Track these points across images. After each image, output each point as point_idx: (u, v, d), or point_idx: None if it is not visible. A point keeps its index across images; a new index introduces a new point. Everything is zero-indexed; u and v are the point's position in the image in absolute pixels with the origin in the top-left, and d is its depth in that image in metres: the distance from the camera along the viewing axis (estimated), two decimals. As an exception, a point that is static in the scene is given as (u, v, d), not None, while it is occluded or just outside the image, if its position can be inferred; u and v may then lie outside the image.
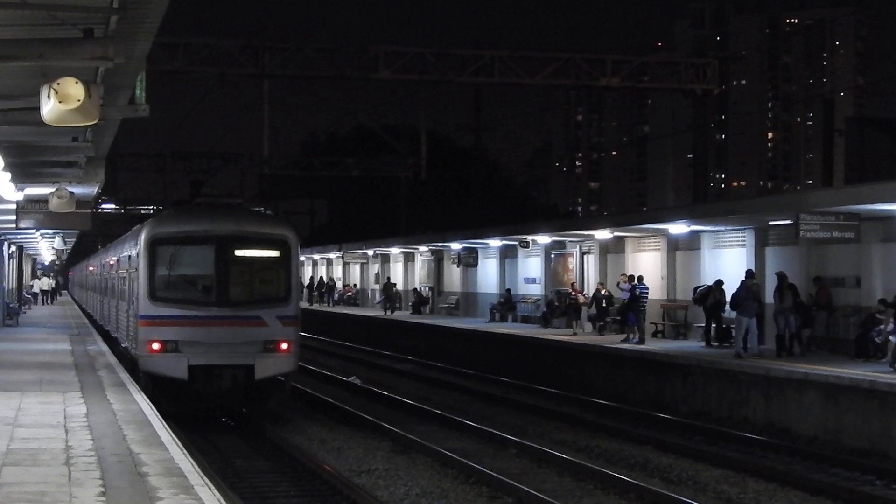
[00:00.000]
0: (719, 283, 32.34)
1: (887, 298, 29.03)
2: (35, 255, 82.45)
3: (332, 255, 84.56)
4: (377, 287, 73.37)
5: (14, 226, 40.23)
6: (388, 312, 61.48)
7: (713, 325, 33.76)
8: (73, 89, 12.87)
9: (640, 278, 37.60)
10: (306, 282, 79.66)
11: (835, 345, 29.46)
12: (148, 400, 22.72)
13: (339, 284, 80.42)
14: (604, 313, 39.37)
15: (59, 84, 12.89)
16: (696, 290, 34.46)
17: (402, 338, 53.96)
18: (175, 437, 17.88)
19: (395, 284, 65.70)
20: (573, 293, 42.13)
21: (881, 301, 29.22)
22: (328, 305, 75.57)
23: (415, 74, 54.24)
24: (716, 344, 33.37)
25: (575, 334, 39.58)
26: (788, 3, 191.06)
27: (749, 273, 30.70)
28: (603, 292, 39.37)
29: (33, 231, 47.46)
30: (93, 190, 33.57)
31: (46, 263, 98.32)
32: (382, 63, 52.90)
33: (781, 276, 30.33)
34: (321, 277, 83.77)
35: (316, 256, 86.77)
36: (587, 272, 45.37)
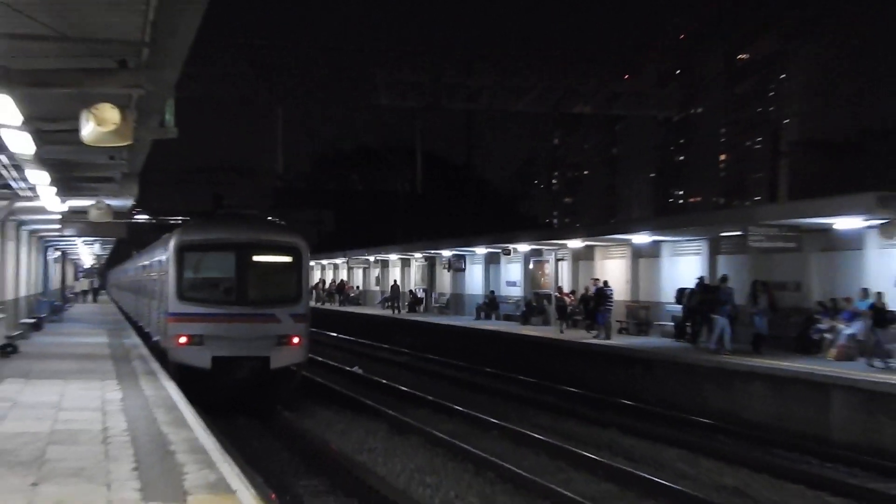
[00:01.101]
0: (724, 278, 31.50)
1: (824, 301, 29.15)
2: (76, 259, 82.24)
3: (337, 261, 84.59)
4: (377, 289, 73.49)
5: (58, 233, 40.31)
6: (395, 311, 61.41)
7: (687, 323, 33.60)
8: (110, 114, 12.88)
9: (606, 283, 37.64)
10: (316, 282, 79.47)
11: (778, 342, 29.47)
12: (176, 387, 22.73)
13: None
14: (591, 312, 38.75)
15: (97, 109, 12.90)
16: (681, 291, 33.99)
17: (398, 333, 53.92)
18: (199, 420, 17.89)
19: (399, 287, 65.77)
20: (560, 296, 42.05)
21: (819, 303, 29.33)
22: (336, 305, 75.38)
23: (412, 101, 54.33)
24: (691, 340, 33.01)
25: (561, 332, 39.35)
26: (743, 37, 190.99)
27: (723, 277, 30.56)
28: (590, 293, 39.09)
29: (75, 238, 47.47)
30: (127, 202, 33.60)
31: (86, 266, 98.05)
32: (382, 90, 52.96)
33: (755, 282, 30.32)
34: (332, 280, 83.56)
35: (324, 262, 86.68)
36: (561, 277, 45.40)
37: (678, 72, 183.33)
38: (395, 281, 66.39)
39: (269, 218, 35.03)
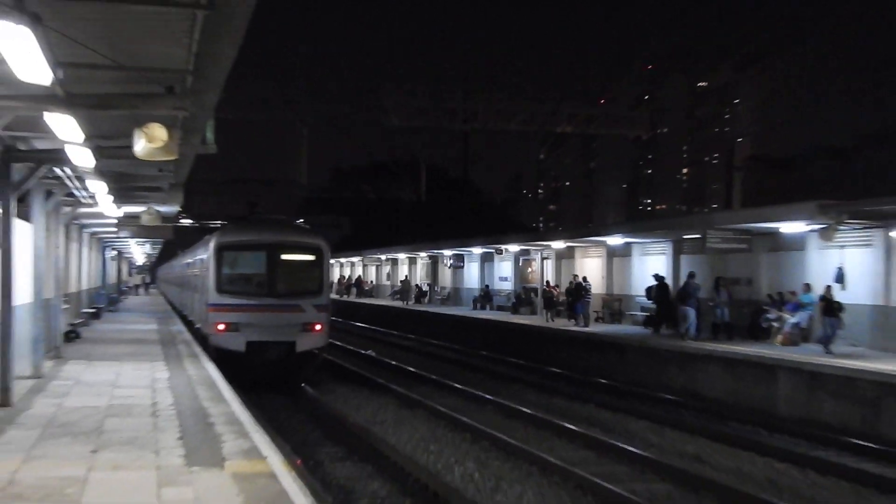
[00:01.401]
0: (692, 274, 31.00)
1: (773, 294, 29.13)
2: (130, 257, 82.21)
3: (354, 259, 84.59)
4: (388, 283, 73.47)
5: (115, 235, 40.28)
6: (405, 303, 61.38)
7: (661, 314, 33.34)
8: (159, 132, 12.86)
9: (585, 278, 37.61)
10: (336, 278, 79.43)
11: (733, 329, 29.44)
12: (215, 367, 22.74)
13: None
14: (571, 303, 38.16)
15: (147, 128, 12.87)
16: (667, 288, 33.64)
17: (406, 321, 53.88)
18: (235, 395, 17.88)
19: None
20: (548, 289, 41.93)
21: (768, 296, 29.30)
22: (353, 297, 75.29)
23: (417, 122, 54.42)
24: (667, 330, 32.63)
25: (548, 321, 38.99)
26: (701, 68, 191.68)
27: (691, 274, 30.42)
28: (572, 287, 38.89)
29: (129, 239, 47.43)
30: (174, 208, 33.53)
31: (139, 264, 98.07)
32: (392, 112, 53.06)
33: (718, 278, 30.21)
34: (349, 276, 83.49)
35: (342, 260, 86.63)
36: (546, 273, 45.40)
37: (646, 97, 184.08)
38: (405, 276, 66.37)
39: (295, 222, 34.96)
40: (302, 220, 50.86)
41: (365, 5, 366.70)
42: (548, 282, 42.52)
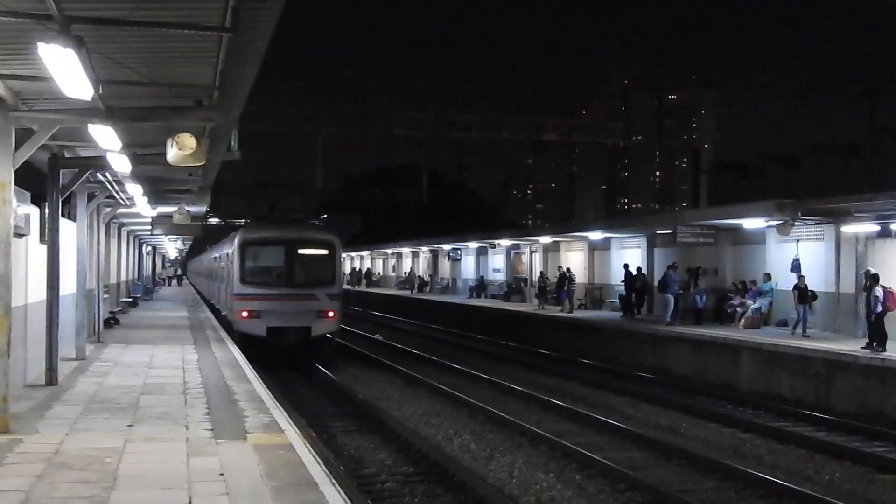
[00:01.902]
0: (674, 266, 30.45)
1: (736, 283, 29.15)
2: (163, 251, 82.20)
3: (363, 253, 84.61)
4: (393, 274, 73.47)
5: (150, 232, 40.27)
6: (411, 292, 61.37)
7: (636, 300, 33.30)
8: (189, 141, 12.87)
9: (569, 269, 37.61)
10: (347, 270, 79.43)
11: (701, 314, 29.46)
12: (238, 350, 22.76)
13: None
14: (557, 291, 37.99)
15: (179, 137, 12.88)
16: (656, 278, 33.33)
17: (410, 308, 53.89)
18: (256, 375, 17.91)
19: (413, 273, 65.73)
20: (543, 279, 41.79)
21: (732, 284, 29.32)
22: (363, 287, 75.21)
23: (419, 132, 54.42)
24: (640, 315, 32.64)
25: (541, 308, 38.62)
26: (670, 84, 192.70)
27: (673, 265, 30.19)
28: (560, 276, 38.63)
29: (162, 236, 47.46)
30: (202, 209, 33.55)
31: (171, 258, 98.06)
32: (397, 124, 53.14)
33: (695, 269, 30.15)
34: (360, 268, 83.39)
35: (353, 254, 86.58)
36: (534, 265, 45.43)
37: (622, 109, 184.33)
38: (411, 268, 66.35)
39: (311, 221, 34.90)
40: (324, 216, 50.86)
41: (376, 34, 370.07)
42: (542, 272, 42.48)
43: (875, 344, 20.54)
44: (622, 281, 33.63)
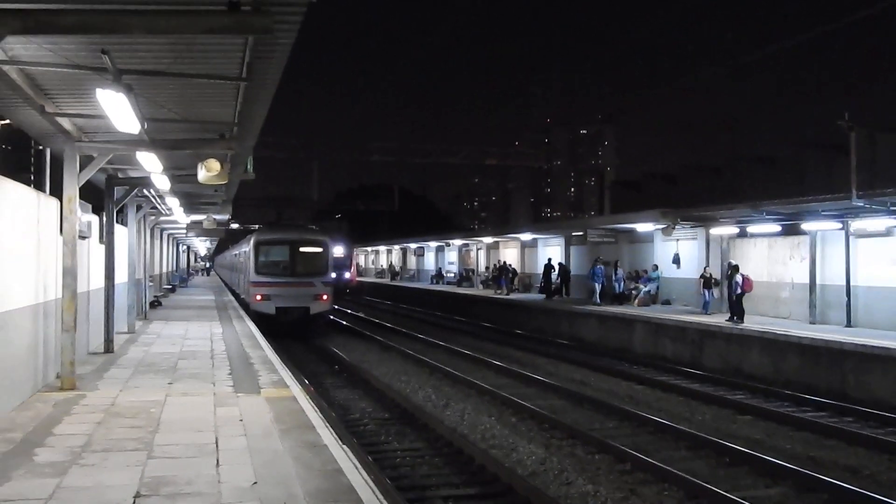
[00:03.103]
0: (599, 260, 29.68)
1: (632, 272, 29.33)
2: (195, 250, 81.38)
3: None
4: (372, 266, 73.19)
5: (185, 234, 39.84)
6: (390, 279, 61.13)
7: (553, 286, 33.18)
8: (214, 165, 12.76)
9: (506, 262, 37.75)
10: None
11: (620, 296, 29.55)
12: (254, 325, 22.60)
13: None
14: (496, 278, 37.70)
15: (206, 162, 12.77)
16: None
17: (384, 291, 53.78)
18: (268, 344, 17.81)
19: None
20: (495, 268, 40.93)
21: (629, 273, 29.48)
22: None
23: (391, 158, 54.42)
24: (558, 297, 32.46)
25: (498, 293, 36.86)
26: (581, 121, 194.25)
27: (602, 260, 29.32)
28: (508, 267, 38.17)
29: (194, 237, 47.00)
30: (226, 216, 33.25)
31: (202, 255, 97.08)
32: (374, 152, 53.10)
33: (615, 261, 29.60)
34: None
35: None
36: (480, 260, 45.50)
37: (545, 140, 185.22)
38: (390, 262, 66.19)
39: (308, 226, 34.76)
40: (313, 225, 50.64)
41: (361, 84, 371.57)
42: (497, 264, 42.21)
43: (735, 318, 20.83)
44: (559, 270, 33.73)
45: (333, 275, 28.74)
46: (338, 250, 46.33)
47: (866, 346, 16.15)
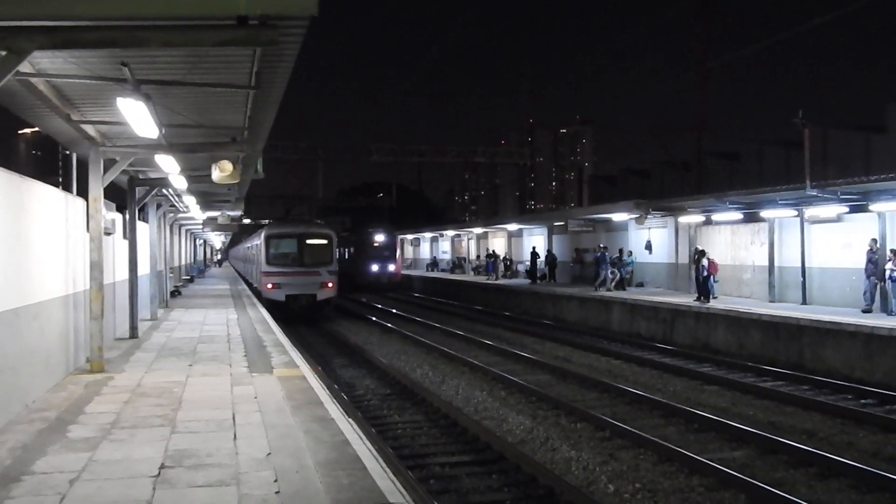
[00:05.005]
0: (605, 248, 29.52)
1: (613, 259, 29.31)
2: (211, 243, 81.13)
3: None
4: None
5: (201, 229, 39.71)
6: None
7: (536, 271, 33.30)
8: (227, 166, 12.70)
9: (495, 251, 37.79)
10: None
11: (582, 280, 29.70)
12: (266, 311, 22.57)
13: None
14: (496, 266, 37.38)
15: (220, 163, 12.71)
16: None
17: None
18: (279, 328, 17.78)
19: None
20: (488, 257, 40.98)
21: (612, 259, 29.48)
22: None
23: (390, 158, 54.30)
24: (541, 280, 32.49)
25: (488, 279, 36.83)
26: (561, 122, 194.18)
27: (604, 248, 28.14)
28: (501, 256, 37.86)
29: (210, 232, 46.83)
30: (238, 213, 33.13)
31: (217, 248, 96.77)
32: (375, 153, 52.96)
33: (604, 248, 29.46)
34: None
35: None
36: (470, 249, 45.51)
37: (529, 139, 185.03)
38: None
39: (315, 220, 34.70)
40: (319, 220, 50.56)
41: (361, 90, 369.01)
42: (488, 253, 42.34)
43: (702, 298, 20.91)
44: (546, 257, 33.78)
45: (375, 267, 28.39)
46: (378, 238, 44.03)
47: (820, 322, 16.24)
